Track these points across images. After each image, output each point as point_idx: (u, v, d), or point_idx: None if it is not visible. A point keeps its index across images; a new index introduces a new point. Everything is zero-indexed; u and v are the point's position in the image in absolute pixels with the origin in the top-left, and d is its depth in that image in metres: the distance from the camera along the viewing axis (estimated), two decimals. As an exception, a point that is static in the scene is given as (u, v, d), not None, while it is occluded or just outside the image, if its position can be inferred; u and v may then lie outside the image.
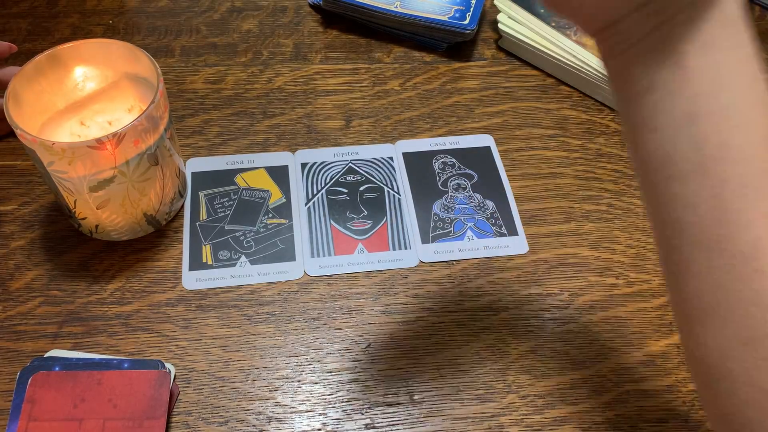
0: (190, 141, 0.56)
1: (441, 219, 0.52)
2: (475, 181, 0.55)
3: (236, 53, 0.64)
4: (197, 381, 0.44)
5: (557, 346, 0.46)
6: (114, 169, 0.43)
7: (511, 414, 0.43)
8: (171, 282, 0.48)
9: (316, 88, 0.61)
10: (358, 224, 0.52)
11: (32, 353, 0.44)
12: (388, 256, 0.50)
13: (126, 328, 0.46)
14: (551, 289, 0.49)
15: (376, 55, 0.64)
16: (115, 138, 0.42)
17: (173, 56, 0.63)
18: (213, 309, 0.47)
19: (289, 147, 0.56)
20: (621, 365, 0.45)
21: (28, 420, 0.39)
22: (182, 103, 0.59)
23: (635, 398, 0.44)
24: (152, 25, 0.66)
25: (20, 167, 0.54)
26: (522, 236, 0.52)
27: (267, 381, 0.44)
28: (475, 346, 0.46)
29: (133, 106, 0.48)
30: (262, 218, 0.52)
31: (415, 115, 0.59)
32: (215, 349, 0.45)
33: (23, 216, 0.51)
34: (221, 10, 0.68)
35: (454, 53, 0.65)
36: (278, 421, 0.42)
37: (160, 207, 0.49)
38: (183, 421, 0.42)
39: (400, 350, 0.46)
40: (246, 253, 0.50)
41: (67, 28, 0.65)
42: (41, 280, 0.48)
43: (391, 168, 0.55)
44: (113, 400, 0.40)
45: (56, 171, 0.43)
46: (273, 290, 0.48)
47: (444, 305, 0.48)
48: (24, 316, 0.46)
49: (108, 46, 0.47)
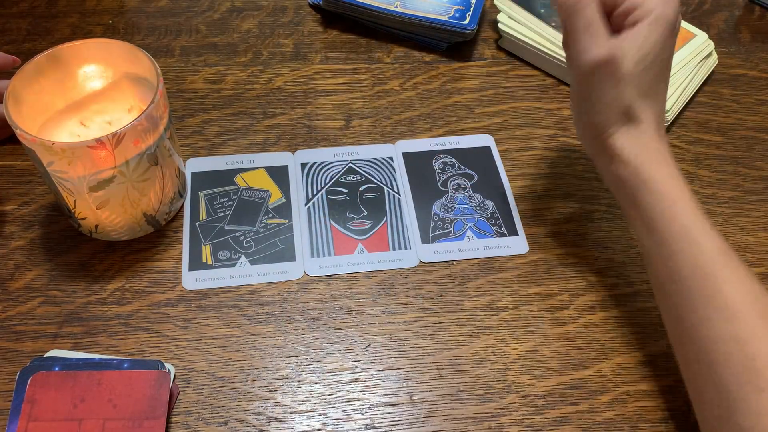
0: (190, 141, 0.56)
1: (441, 219, 0.52)
2: (475, 181, 0.55)
3: (236, 53, 0.64)
4: (197, 381, 0.44)
5: (557, 346, 0.46)
6: (114, 169, 0.43)
7: (511, 414, 0.43)
8: (171, 282, 0.48)
9: (316, 88, 0.61)
10: (358, 224, 0.52)
11: (32, 353, 0.44)
12: (388, 256, 0.50)
13: (126, 328, 0.46)
14: (551, 289, 0.49)
15: (376, 55, 0.64)
16: (115, 138, 0.42)
17: (173, 56, 0.63)
18: (213, 309, 0.47)
19: (289, 147, 0.56)
20: (621, 365, 0.45)
21: (27, 420, 0.39)
22: (182, 103, 0.59)
23: (635, 398, 0.44)
24: (152, 25, 0.66)
25: (20, 167, 0.54)
26: (522, 236, 0.52)
27: (267, 381, 0.44)
28: (475, 346, 0.46)
29: (133, 106, 0.48)
30: (262, 218, 0.52)
31: (415, 115, 0.59)
32: (215, 349, 0.45)
33: (23, 216, 0.51)
34: (221, 10, 0.68)
35: (454, 53, 0.65)
36: (278, 421, 0.42)
37: (160, 207, 0.49)
38: (183, 421, 0.42)
39: (400, 350, 0.46)
40: (246, 253, 0.50)
41: (66, 28, 0.65)
42: (41, 280, 0.48)
43: (391, 168, 0.55)
44: (113, 400, 0.40)
45: (56, 171, 0.43)
46: (273, 290, 0.48)
47: (444, 305, 0.48)
48: (24, 316, 0.46)
49: (108, 46, 0.47)
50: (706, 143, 0.59)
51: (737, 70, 0.65)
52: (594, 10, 0.41)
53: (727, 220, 0.54)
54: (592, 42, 0.40)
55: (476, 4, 0.64)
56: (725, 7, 0.72)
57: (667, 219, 0.40)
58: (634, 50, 0.40)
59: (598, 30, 0.40)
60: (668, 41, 0.41)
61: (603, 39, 0.41)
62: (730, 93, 0.63)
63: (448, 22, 0.62)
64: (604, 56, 0.40)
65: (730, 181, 0.56)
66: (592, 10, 0.41)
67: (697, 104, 0.62)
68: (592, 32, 0.41)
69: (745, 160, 0.58)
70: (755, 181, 0.56)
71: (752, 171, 0.57)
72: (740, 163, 0.58)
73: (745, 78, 0.65)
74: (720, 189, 0.56)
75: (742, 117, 0.61)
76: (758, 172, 0.57)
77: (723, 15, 0.71)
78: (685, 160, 0.58)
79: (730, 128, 0.60)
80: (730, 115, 0.61)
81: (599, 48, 0.40)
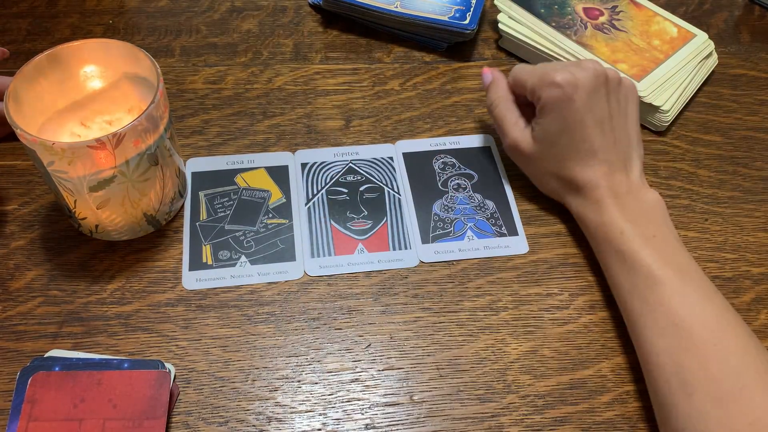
0: (190, 141, 0.56)
1: (441, 219, 0.52)
2: (475, 181, 0.55)
3: (236, 53, 0.64)
4: (197, 381, 0.44)
5: (557, 346, 0.46)
6: (114, 169, 0.43)
7: (511, 414, 0.43)
8: (171, 282, 0.48)
9: (316, 88, 0.61)
10: (358, 224, 0.52)
11: (32, 353, 0.44)
12: (388, 256, 0.50)
13: (126, 328, 0.46)
14: (551, 289, 0.49)
15: (376, 55, 0.64)
16: (115, 138, 0.42)
17: (173, 56, 0.63)
18: (213, 309, 0.47)
19: (289, 147, 0.56)
20: (621, 365, 0.45)
21: (28, 420, 0.39)
22: (182, 103, 0.59)
23: (635, 398, 0.44)
24: (152, 25, 0.66)
25: (20, 167, 0.54)
26: (522, 236, 0.52)
27: (267, 381, 0.44)
28: (475, 346, 0.46)
29: (133, 106, 0.48)
30: (262, 218, 0.52)
31: (415, 115, 0.59)
32: (215, 349, 0.45)
33: (23, 216, 0.51)
34: (221, 10, 0.68)
35: (454, 53, 0.65)
36: (278, 421, 0.42)
37: (160, 207, 0.49)
38: (183, 421, 0.42)
39: (400, 350, 0.46)
40: (246, 253, 0.50)
41: (67, 28, 0.65)
42: (41, 280, 0.48)
43: (391, 168, 0.55)
44: (113, 400, 0.40)
45: (56, 171, 0.43)
46: (273, 290, 0.48)
47: (444, 305, 0.48)
48: (24, 316, 0.46)
49: (108, 46, 0.47)
50: (706, 143, 0.59)
51: (737, 70, 0.65)
52: (503, 108, 0.52)
53: (727, 220, 0.54)
54: (503, 132, 0.53)
55: (476, 4, 0.64)
56: (725, 7, 0.72)
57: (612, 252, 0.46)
58: (537, 131, 0.50)
59: (506, 123, 0.52)
60: (567, 114, 0.48)
61: (510, 129, 0.52)
62: (730, 93, 0.63)
63: (448, 22, 0.62)
64: (510, 143, 0.52)
65: (730, 181, 0.56)
66: (501, 109, 0.53)
67: (697, 104, 0.62)
68: (503, 125, 0.52)
69: (745, 160, 0.58)
70: (755, 181, 0.56)
71: (752, 171, 0.57)
72: (740, 163, 0.58)
73: (745, 78, 0.65)
74: (720, 189, 0.56)
75: (742, 117, 0.61)
76: (758, 172, 0.57)
77: (723, 15, 0.71)
78: (685, 160, 0.58)
79: (730, 128, 0.60)
80: (730, 115, 0.61)
81: (506, 137, 0.52)
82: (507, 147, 0.53)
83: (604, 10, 0.65)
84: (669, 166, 0.57)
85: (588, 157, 0.48)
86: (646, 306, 0.42)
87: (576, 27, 0.63)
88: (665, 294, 0.42)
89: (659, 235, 0.45)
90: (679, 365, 0.39)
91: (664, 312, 0.41)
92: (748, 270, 0.51)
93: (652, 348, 0.41)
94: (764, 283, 0.50)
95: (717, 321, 0.40)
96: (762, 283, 0.50)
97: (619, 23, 0.64)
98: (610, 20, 0.64)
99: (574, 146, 0.48)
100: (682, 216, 0.54)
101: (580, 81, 0.48)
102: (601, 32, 0.63)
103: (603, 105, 0.49)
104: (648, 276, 0.43)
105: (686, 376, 0.39)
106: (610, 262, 0.46)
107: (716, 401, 0.37)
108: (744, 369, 0.38)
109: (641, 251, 0.44)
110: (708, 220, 0.54)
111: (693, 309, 0.41)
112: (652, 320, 0.42)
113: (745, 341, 0.40)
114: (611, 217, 0.46)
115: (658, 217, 0.46)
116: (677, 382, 0.39)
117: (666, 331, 0.41)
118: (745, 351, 0.39)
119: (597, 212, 0.47)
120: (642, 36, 0.63)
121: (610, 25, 0.64)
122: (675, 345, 0.40)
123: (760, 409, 0.36)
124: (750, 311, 0.48)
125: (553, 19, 0.63)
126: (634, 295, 0.43)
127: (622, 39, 0.62)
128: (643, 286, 0.43)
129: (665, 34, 0.63)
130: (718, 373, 0.38)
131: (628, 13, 0.65)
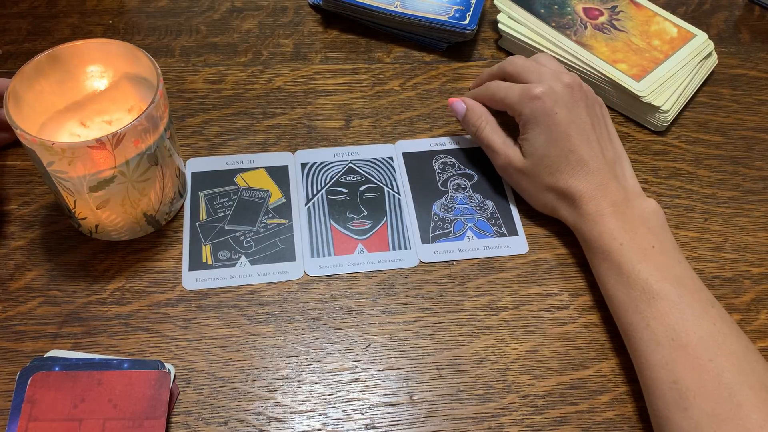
0: (190, 141, 0.56)
1: (441, 219, 0.52)
2: (475, 181, 0.55)
3: (236, 53, 0.64)
4: (197, 381, 0.44)
5: (557, 346, 0.46)
6: (114, 169, 0.43)
7: (511, 414, 0.43)
8: (171, 282, 0.48)
9: (316, 88, 0.61)
10: (358, 224, 0.52)
11: (32, 353, 0.44)
12: (388, 256, 0.50)
13: (126, 328, 0.46)
14: (551, 289, 0.49)
15: (376, 55, 0.64)
16: (115, 138, 0.42)
17: (173, 56, 0.63)
18: (213, 309, 0.47)
19: (289, 147, 0.56)
20: (621, 365, 0.45)
21: (28, 420, 0.39)
22: (182, 103, 0.59)
23: (635, 398, 0.44)
24: (152, 25, 0.66)
25: (21, 167, 0.54)
26: (522, 236, 0.52)
27: (267, 381, 0.44)
28: (475, 346, 0.46)
29: (133, 106, 0.48)
30: (262, 218, 0.52)
31: (415, 115, 0.59)
32: (215, 349, 0.45)
33: (23, 216, 0.51)
34: (221, 10, 0.68)
35: (454, 53, 0.65)
36: (278, 421, 0.42)
37: (160, 207, 0.49)
38: (183, 422, 0.42)
39: (400, 350, 0.46)
40: (246, 253, 0.50)
41: (66, 28, 0.65)
42: (41, 280, 0.48)
43: (391, 168, 0.55)
44: (113, 401, 0.40)
45: (56, 171, 0.43)
46: (273, 290, 0.48)
47: (444, 305, 0.48)
48: (24, 316, 0.46)
49: (108, 46, 0.47)
50: (706, 143, 0.59)
51: (737, 70, 0.65)
52: (489, 131, 0.53)
53: (727, 220, 0.54)
54: (494, 153, 0.53)
55: (476, 4, 0.64)
56: (725, 7, 0.72)
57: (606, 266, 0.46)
58: (525, 147, 0.50)
59: (495, 144, 0.52)
60: (551, 125, 0.49)
61: (500, 148, 0.52)
62: (730, 93, 0.63)
63: (448, 22, 0.62)
64: (503, 162, 0.52)
65: (730, 181, 0.56)
66: (487, 132, 0.53)
67: (697, 104, 0.62)
68: (492, 146, 0.53)
69: (744, 160, 0.58)
70: (755, 181, 0.56)
71: (752, 171, 0.57)
72: (740, 163, 0.58)
73: (744, 78, 0.65)
74: (720, 189, 0.56)
75: (742, 117, 0.61)
76: (758, 172, 0.57)
77: (723, 15, 0.71)
78: (684, 160, 0.58)
79: (729, 128, 0.60)
80: (730, 115, 0.61)
81: (498, 157, 0.52)
82: (500, 167, 0.53)
83: (604, 10, 0.65)
84: (669, 166, 0.57)
85: (579, 167, 0.48)
86: (642, 320, 0.42)
87: (576, 27, 0.63)
88: (662, 309, 0.42)
89: (658, 246, 0.45)
90: (674, 380, 0.39)
91: (660, 326, 0.41)
92: (748, 270, 0.51)
93: (647, 361, 0.41)
94: (764, 283, 0.50)
95: (713, 336, 0.40)
96: (762, 283, 0.50)
97: (619, 23, 0.64)
98: (610, 20, 0.64)
99: (564, 157, 0.49)
100: (682, 216, 0.54)
101: (559, 93, 0.49)
102: (601, 32, 0.63)
103: (584, 117, 0.49)
104: (645, 290, 0.43)
105: (682, 391, 0.39)
106: (607, 274, 0.46)
107: (711, 417, 0.38)
108: (739, 387, 0.38)
109: (638, 265, 0.44)
110: (708, 220, 0.54)
111: (689, 324, 0.41)
112: (648, 334, 0.42)
113: (740, 357, 0.40)
114: (609, 229, 0.46)
115: (657, 226, 0.46)
116: (672, 396, 0.39)
117: (662, 345, 0.41)
118: (740, 368, 0.39)
119: (594, 224, 0.47)
120: (642, 36, 0.63)
121: (610, 25, 0.64)
122: (671, 360, 0.40)
123: (755, 428, 0.37)
124: (750, 311, 0.48)
125: (553, 19, 0.63)
126: (630, 308, 0.43)
127: (622, 39, 0.62)
128: (639, 300, 0.43)
129: (665, 34, 0.63)
130: (714, 389, 0.38)
131: (628, 13, 0.65)
